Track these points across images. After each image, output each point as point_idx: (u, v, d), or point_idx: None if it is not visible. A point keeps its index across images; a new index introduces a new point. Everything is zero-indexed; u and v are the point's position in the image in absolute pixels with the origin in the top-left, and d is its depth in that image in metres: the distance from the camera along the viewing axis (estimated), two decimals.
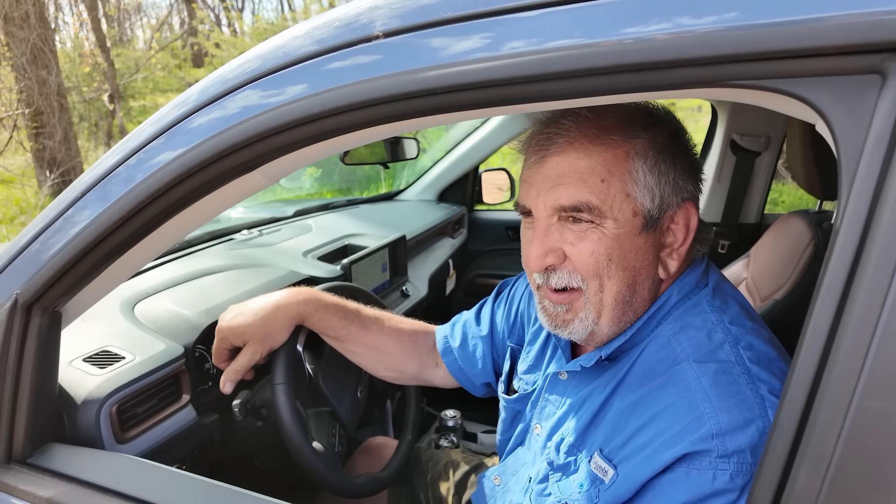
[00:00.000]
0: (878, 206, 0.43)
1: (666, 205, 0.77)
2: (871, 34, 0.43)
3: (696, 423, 0.66)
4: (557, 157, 0.75)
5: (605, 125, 0.75)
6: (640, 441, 0.71)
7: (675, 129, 0.80)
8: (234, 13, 14.63)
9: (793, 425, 0.45)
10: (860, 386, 0.42)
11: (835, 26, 0.44)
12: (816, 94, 0.47)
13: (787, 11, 0.45)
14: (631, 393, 0.77)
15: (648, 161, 0.75)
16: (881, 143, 0.44)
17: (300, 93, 0.64)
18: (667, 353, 0.76)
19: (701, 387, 0.69)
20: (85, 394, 1.00)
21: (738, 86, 0.49)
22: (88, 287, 0.88)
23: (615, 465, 0.74)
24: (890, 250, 0.42)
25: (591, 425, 0.81)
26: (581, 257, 0.76)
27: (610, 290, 0.77)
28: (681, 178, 0.78)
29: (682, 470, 0.66)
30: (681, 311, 0.79)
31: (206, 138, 0.69)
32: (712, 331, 0.75)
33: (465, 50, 0.57)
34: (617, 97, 0.54)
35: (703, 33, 0.47)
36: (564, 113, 0.77)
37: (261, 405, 1.19)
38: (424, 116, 0.63)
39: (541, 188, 0.77)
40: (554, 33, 0.52)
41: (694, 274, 0.82)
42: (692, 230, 0.80)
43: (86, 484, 0.83)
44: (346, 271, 1.76)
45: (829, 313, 0.44)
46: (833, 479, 0.43)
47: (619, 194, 0.74)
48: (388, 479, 1.28)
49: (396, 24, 0.61)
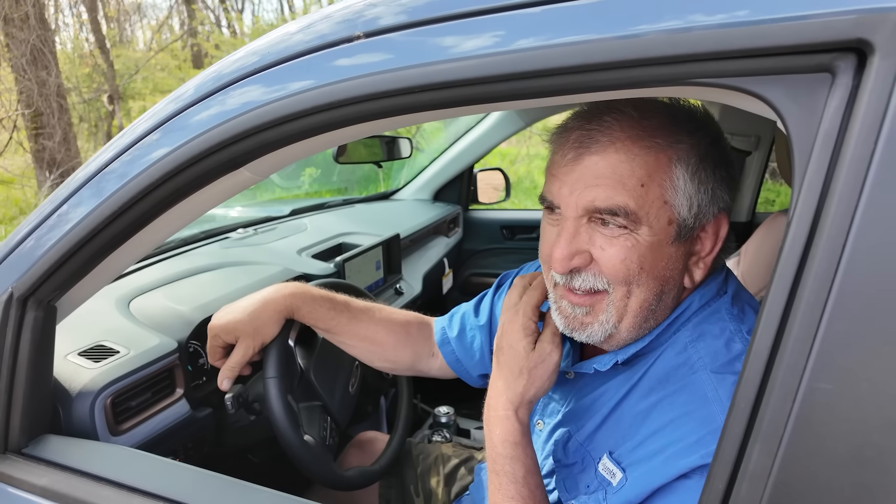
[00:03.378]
0: (826, 199, 0.45)
1: (702, 215, 0.74)
2: (821, 34, 0.46)
3: (712, 436, 0.65)
4: (597, 156, 0.72)
5: (648, 126, 0.72)
6: (652, 447, 0.71)
7: (716, 135, 0.77)
8: (233, 14, 14.66)
9: (748, 405, 0.47)
10: (808, 368, 0.45)
11: (788, 26, 0.46)
12: (772, 91, 0.49)
13: (744, 12, 0.48)
14: (644, 398, 0.76)
15: (690, 168, 0.72)
16: (829, 139, 0.46)
17: (284, 91, 0.66)
18: (683, 359, 0.75)
19: (719, 398, 0.69)
20: (80, 387, 1.02)
21: (700, 84, 0.51)
22: (83, 282, 0.90)
23: (624, 468, 0.73)
24: (836, 242, 0.44)
25: (601, 427, 0.80)
26: (611, 263, 0.73)
27: (637, 297, 0.74)
28: (719, 188, 0.75)
29: (696, 479, 0.66)
30: (700, 318, 0.78)
31: (193, 136, 0.71)
32: (730, 340, 0.74)
33: (444, 48, 0.59)
34: (580, 96, 0.56)
35: (663, 33, 0.50)
36: (607, 109, 0.73)
37: (253, 399, 1.21)
38: (406, 114, 0.65)
39: (575, 187, 0.73)
40: (522, 33, 0.54)
41: (715, 282, 0.81)
42: (721, 239, 0.78)
43: (79, 473, 0.85)
44: (340, 269, 1.78)
45: (781, 301, 0.47)
46: (784, 455, 0.46)
47: (656, 200, 0.71)
48: (378, 473, 1.30)
49: (377, 24, 0.63)
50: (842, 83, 0.46)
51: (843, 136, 0.45)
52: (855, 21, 0.44)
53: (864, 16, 0.44)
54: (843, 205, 0.45)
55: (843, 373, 0.44)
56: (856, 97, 0.45)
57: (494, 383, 0.83)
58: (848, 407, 0.44)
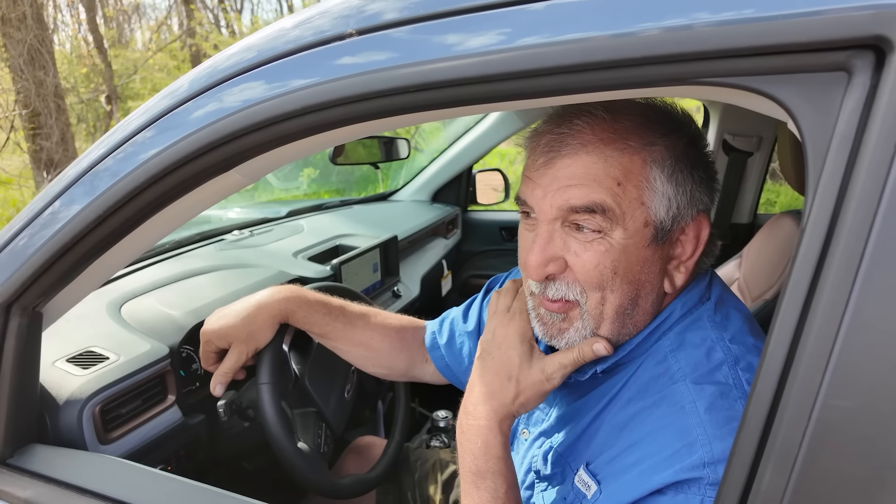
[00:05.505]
0: (843, 205, 0.43)
1: (680, 217, 0.73)
2: (836, 30, 0.43)
3: (687, 450, 0.64)
4: (568, 159, 0.70)
5: (621, 128, 0.70)
6: (628, 460, 0.69)
7: (694, 135, 0.76)
8: (232, 14, 14.62)
9: (759, 423, 0.45)
10: (825, 384, 0.42)
11: (801, 23, 0.44)
12: (784, 91, 0.47)
13: (754, 8, 0.45)
14: (624, 409, 0.74)
15: (666, 170, 0.71)
16: (846, 141, 0.43)
17: (270, 92, 0.64)
18: (663, 369, 0.73)
19: (696, 410, 0.67)
20: (67, 394, 1.00)
21: (708, 83, 0.49)
22: (69, 287, 0.87)
23: (599, 480, 0.71)
24: (853, 250, 0.42)
25: (580, 438, 0.78)
26: (585, 269, 0.72)
27: (612, 303, 0.73)
28: (698, 189, 0.74)
29: (670, 495, 0.63)
30: (682, 326, 0.76)
31: (179, 138, 0.69)
32: (711, 349, 0.72)
33: (438, 47, 0.57)
34: (584, 96, 0.53)
35: (669, 30, 0.47)
36: (578, 112, 0.72)
37: (247, 406, 1.18)
38: (398, 115, 0.62)
39: (548, 189, 0.71)
40: (523, 31, 0.52)
41: (698, 288, 0.79)
42: (702, 243, 0.76)
43: (64, 485, 0.82)
44: (336, 272, 1.75)
45: (795, 312, 0.44)
46: (798, 477, 0.43)
47: (633, 201, 0.70)
48: (374, 481, 1.28)
49: (370, 21, 0.60)
50: (859, 82, 0.43)
51: (860, 139, 0.43)
52: (873, 17, 0.42)
53: (882, 11, 0.41)
54: (862, 211, 0.42)
55: (861, 389, 0.42)
56: (874, 97, 0.42)
57: (474, 389, 0.79)
58: (867, 425, 0.42)
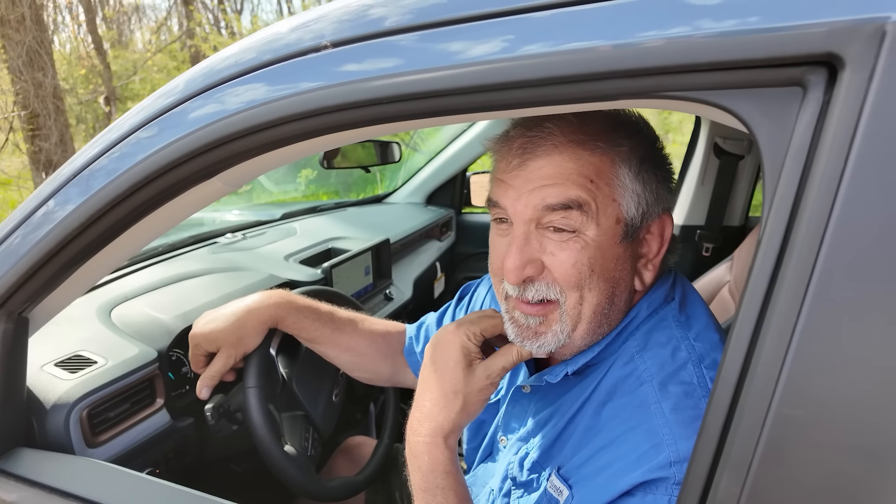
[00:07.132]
0: (798, 216, 0.44)
1: (648, 214, 0.76)
2: (792, 47, 0.44)
3: (654, 450, 0.65)
4: (542, 160, 0.72)
5: (590, 131, 0.73)
6: (598, 464, 0.70)
7: (654, 139, 0.80)
8: (231, 15, 14.63)
9: (717, 430, 0.46)
10: (777, 393, 0.43)
11: (758, 39, 0.45)
12: (742, 105, 0.48)
13: (712, 24, 0.46)
14: (595, 411, 0.75)
15: (633, 169, 0.74)
16: (801, 153, 0.44)
17: (252, 101, 0.65)
18: (630, 370, 0.75)
19: (661, 411, 0.68)
20: (54, 398, 1.01)
21: (669, 97, 0.50)
22: (55, 292, 0.88)
23: (570, 485, 0.72)
24: (806, 261, 0.43)
25: (555, 443, 0.79)
26: (563, 268, 0.73)
27: (590, 302, 0.74)
28: (661, 188, 0.78)
29: (639, 496, 0.65)
30: (648, 326, 0.78)
31: (161, 146, 0.70)
32: (676, 348, 0.74)
33: (413, 60, 0.58)
34: (536, 110, 0.54)
35: (631, 46, 0.48)
36: (547, 117, 0.73)
37: (235, 409, 1.19)
38: (374, 125, 0.63)
39: (522, 190, 0.73)
40: (495, 46, 0.53)
41: (662, 288, 0.81)
42: (667, 240, 0.79)
43: (50, 489, 0.83)
44: (328, 275, 1.76)
45: (751, 322, 0.45)
46: (753, 483, 0.44)
47: (606, 197, 0.72)
48: (362, 483, 1.29)
49: (344, 34, 0.61)
50: (813, 97, 0.44)
51: (814, 152, 0.44)
52: (825, 35, 0.43)
53: (834, 29, 0.42)
54: (814, 222, 0.43)
55: (813, 398, 0.43)
56: (827, 112, 0.44)
57: (421, 402, 0.79)
58: (819, 434, 0.43)
